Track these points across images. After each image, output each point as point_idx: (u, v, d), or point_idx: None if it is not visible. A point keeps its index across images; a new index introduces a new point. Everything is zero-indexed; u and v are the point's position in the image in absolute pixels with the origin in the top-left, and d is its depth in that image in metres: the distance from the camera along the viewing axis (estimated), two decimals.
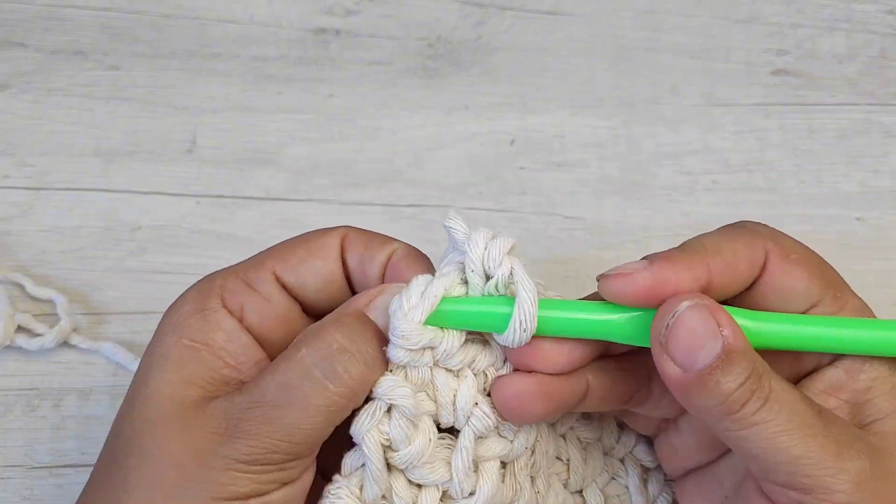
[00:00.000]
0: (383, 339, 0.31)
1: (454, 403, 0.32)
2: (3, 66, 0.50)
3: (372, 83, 0.51)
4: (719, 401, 0.29)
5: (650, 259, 0.31)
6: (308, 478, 0.31)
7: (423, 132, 0.50)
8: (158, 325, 0.32)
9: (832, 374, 0.32)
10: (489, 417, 0.32)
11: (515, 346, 0.31)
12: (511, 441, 0.33)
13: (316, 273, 0.33)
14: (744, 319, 0.31)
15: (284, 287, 0.33)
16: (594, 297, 0.33)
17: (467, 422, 0.32)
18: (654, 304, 0.30)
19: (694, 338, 0.29)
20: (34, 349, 0.43)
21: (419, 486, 0.32)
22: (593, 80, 0.52)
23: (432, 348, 0.31)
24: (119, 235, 0.47)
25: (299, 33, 0.52)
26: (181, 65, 0.51)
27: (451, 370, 0.32)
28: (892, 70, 0.54)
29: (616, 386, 0.33)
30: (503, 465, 0.33)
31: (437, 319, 0.31)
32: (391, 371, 0.31)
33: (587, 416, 0.37)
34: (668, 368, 0.29)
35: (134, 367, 0.43)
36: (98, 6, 0.51)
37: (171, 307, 0.32)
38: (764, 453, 0.29)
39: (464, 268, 0.31)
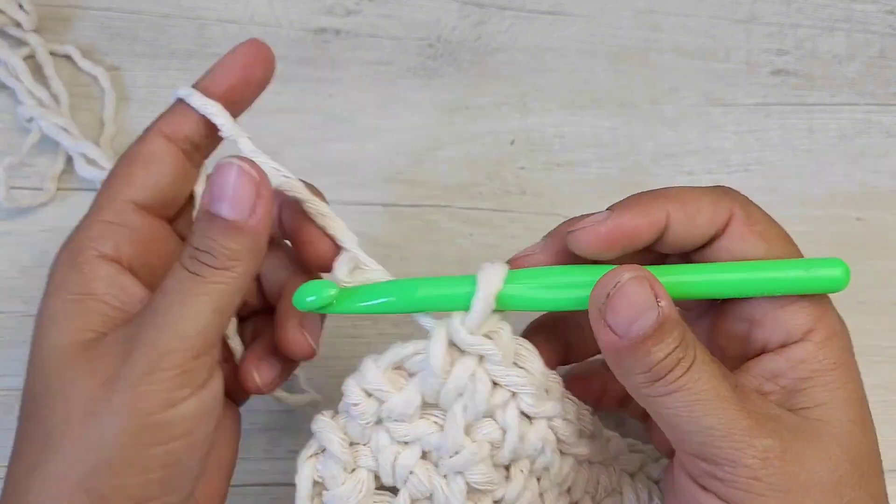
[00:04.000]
0: (231, 225, 0.31)
1: (393, 466, 0.32)
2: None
3: (372, 83, 0.51)
4: (646, 367, 0.30)
5: (612, 207, 0.33)
6: (217, 385, 0.32)
7: (423, 132, 0.50)
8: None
9: (775, 362, 0.33)
10: (424, 484, 0.32)
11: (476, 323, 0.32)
12: None
13: (160, 183, 0.34)
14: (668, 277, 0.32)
15: (145, 209, 0.34)
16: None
17: (404, 484, 0.33)
18: (615, 250, 0.33)
19: (632, 309, 0.30)
20: None
21: None
22: (593, 80, 0.52)
23: (381, 402, 0.32)
24: None
25: (299, 33, 0.52)
26: (181, 65, 0.51)
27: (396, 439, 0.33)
28: (892, 70, 0.54)
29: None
30: None
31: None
32: (334, 415, 0.33)
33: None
34: (605, 335, 0.30)
35: None
36: (98, 6, 0.51)
37: (49, 272, 0.33)
38: (680, 421, 0.30)
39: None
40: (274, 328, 0.35)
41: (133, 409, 0.29)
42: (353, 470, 0.33)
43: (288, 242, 0.37)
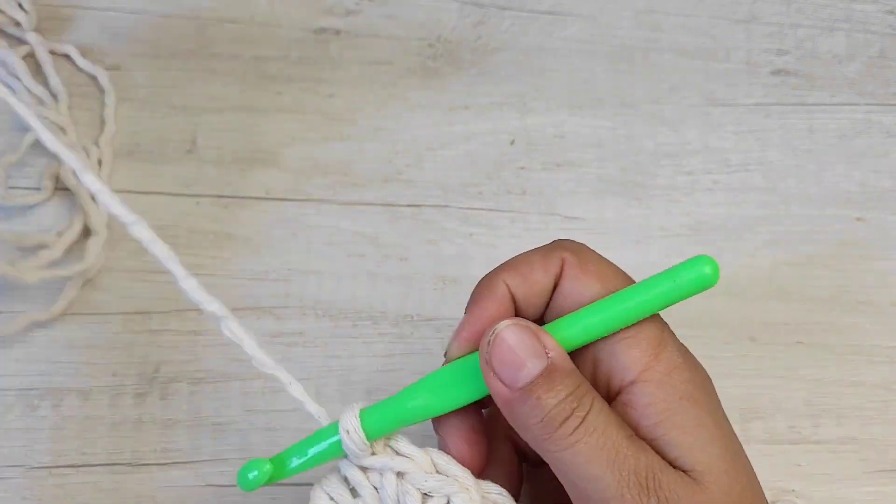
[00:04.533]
0: None
1: None
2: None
3: (372, 83, 0.51)
4: (539, 417, 0.30)
5: (466, 308, 0.34)
6: None
7: (423, 132, 0.50)
8: None
9: (627, 414, 0.32)
10: None
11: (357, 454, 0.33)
12: None
13: None
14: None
15: None
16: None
17: None
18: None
19: (515, 355, 0.30)
20: None
21: None
22: (593, 80, 0.52)
23: None
24: (119, 235, 0.47)
25: (299, 33, 0.52)
26: (181, 65, 0.51)
27: None
28: (892, 70, 0.54)
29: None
30: None
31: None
32: None
33: None
34: (495, 386, 0.31)
35: None
36: (98, 6, 0.51)
37: None
38: (579, 479, 0.30)
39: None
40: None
41: None
42: None
43: None
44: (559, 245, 0.34)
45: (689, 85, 0.53)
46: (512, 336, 0.31)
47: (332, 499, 0.35)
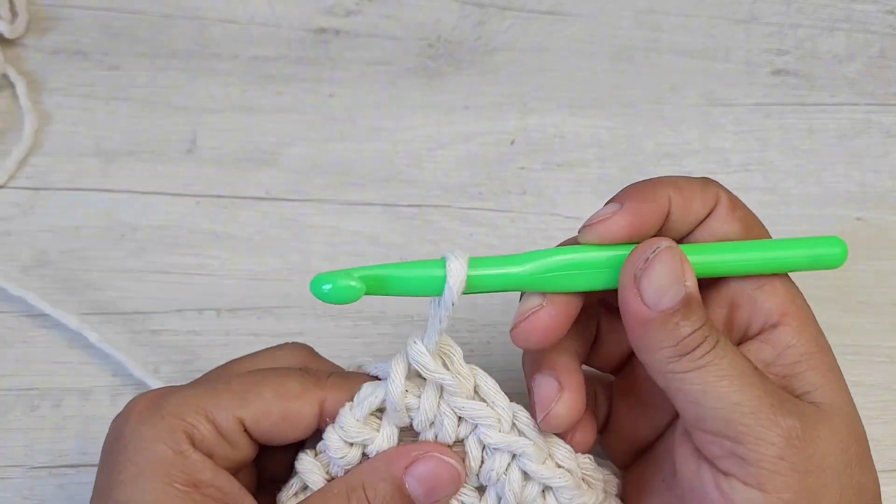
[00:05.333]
0: None
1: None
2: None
3: (372, 83, 0.51)
4: (674, 342, 0.30)
5: (620, 199, 0.33)
6: None
7: (423, 132, 0.50)
8: (118, 451, 0.31)
9: (763, 351, 0.33)
10: None
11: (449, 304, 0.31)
12: None
13: (286, 436, 0.33)
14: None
15: (246, 430, 0.33)
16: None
17: None
18: (635, 240, 0.32)
19: (665, 279, 0.31)
20: None
21: None
22: (593, 80, 0.52)
23: (364, 446, 0.33)
24: (119, 235, 0.47)
25: (299, 33, 0.52)
26: (181, 65, 0.51)
27: None
28: (892, 70, 0.54)
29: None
30: None
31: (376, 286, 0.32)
32: (317, 454, 0.34)
33: None
34: (634, 304, 0.31)
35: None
36: (98, 6, 0.51)
37: (134, 439, 0.31)
38: (705, 397, 0.30)
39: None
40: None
41: None
42: None
43: None
44: (714, 182, 0.35)
45: (689, 85, 0.53)
46: (670, 258, 0.31)
47: (351, 444, 0.33)
